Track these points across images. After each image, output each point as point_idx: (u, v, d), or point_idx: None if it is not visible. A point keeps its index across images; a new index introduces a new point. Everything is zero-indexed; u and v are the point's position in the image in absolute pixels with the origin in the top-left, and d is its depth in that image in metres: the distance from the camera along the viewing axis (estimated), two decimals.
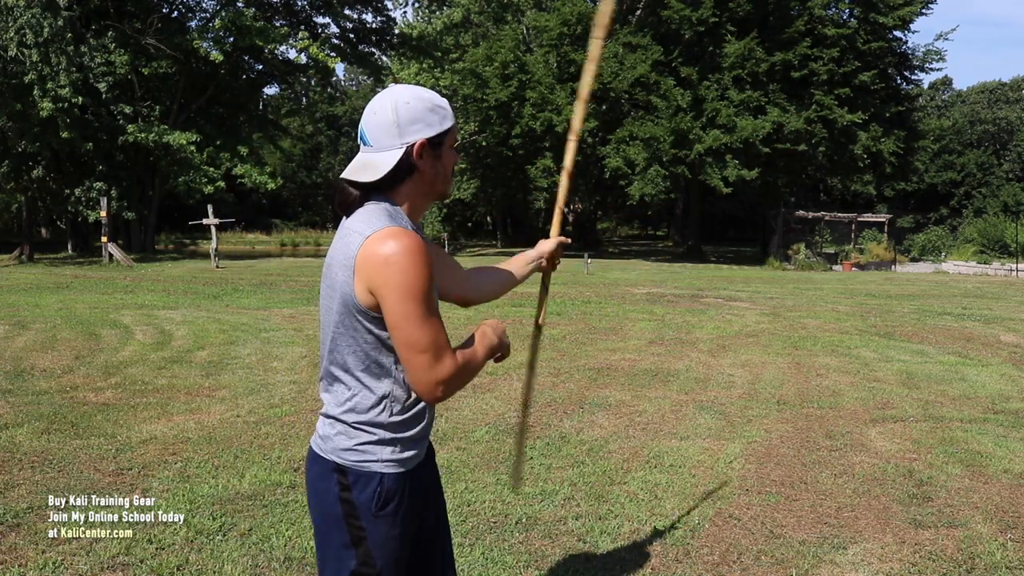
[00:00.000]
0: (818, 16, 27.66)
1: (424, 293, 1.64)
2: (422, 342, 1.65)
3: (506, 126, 31.42)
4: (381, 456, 1.77)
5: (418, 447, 1.82)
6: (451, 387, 1.70)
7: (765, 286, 17.75)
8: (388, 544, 1.77)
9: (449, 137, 1.78)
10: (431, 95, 1.77)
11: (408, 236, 1.64)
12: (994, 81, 52.57)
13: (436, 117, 1.75)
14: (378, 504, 1.76)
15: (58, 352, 7.73)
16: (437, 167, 1.77)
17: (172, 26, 25.29)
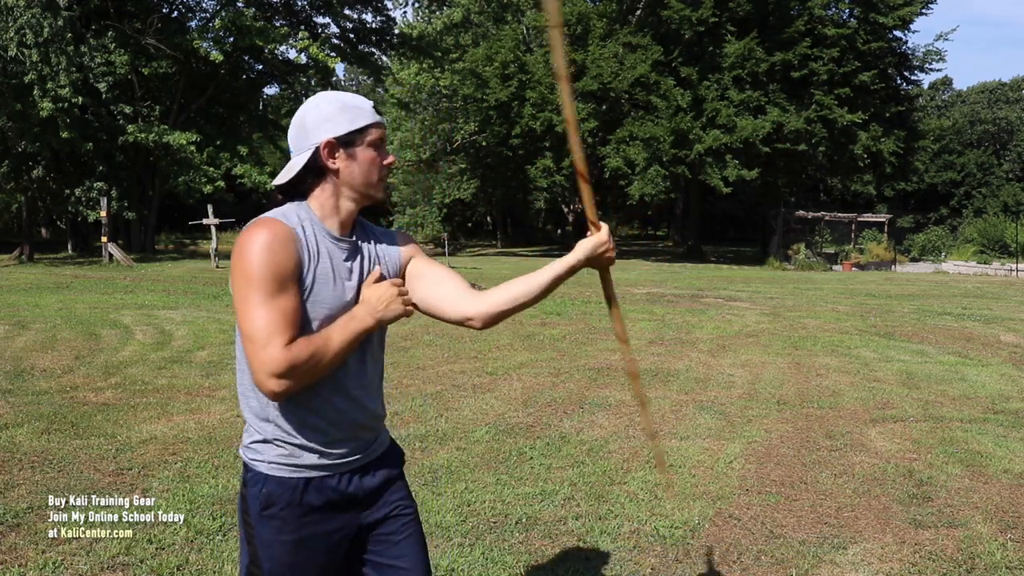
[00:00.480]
0: (818, 16, 27.65)
1: (260, 278, 1.60)
2: (249, 327, 1.60)
3: (506, 126, 31.41)
4: (267, 456, 1.74)
5: (318, 457, 1.74)
6: (287, 378, 1.60)
7: (765, 286, 17.75)
8: (274, 548, 1.73)
9: (364, 136, 1.74)
10: (346, 97, 1.77)
11: (266, 224, 1.64)
12: (994, 81, 52.55)
13: (345, 116, 1.73)
14: (261, 505, 1.74)
15: (58, 352, 7.73)
16: (352, 166, 1.74)
17: (172, 26, 25.27)
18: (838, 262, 27.83)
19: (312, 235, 1.72)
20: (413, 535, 1.89)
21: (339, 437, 1.75)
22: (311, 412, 1.72)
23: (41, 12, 20.06)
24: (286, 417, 1.72)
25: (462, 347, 8.42)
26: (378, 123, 1.76)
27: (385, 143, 1.79)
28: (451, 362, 7.61)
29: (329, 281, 1.72)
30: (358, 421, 1.78)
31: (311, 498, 1.74)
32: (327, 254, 1.73)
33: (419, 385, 6.58)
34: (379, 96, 44.65)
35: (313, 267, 1.70)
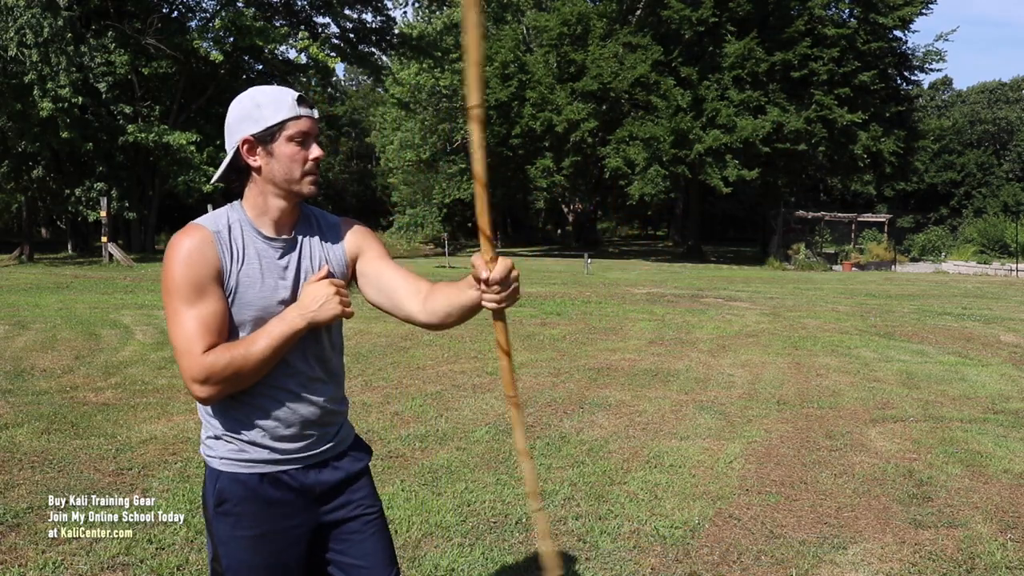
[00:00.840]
0: (818, 16, 27.66)
1: (177, 288, 1.62)
2: (172, 338, 1.64)
3: (506, 126, 31.42)
4: (219, 452, 1.75)
5: (270, 452, 1.73)
6: (210, 387, 1.61)
7: (765, 286, 17.75)
8: (231, 544, 1.73)
9: (282, 131, 1.69)
10: (266, 91, 1.72)
11: (186, 232, 1.66)
12: (994, 81, 52.55)
13: (262, 112, 1.69)
14: (215, 501, 1.74)
15: (58, 352, 7.73)
16: (271, 163, 1.70)
17: (172, 26, 25.27)
18: (838, 262, 27.83)
19: (239, 236, 1.70)
20: (377, 534, 1.86)
21: (288, 433, 1.74)
22: (255, 408, 1.72)
23: (41, 12, 20.06)
24: (232, 414, 1.73)
25: (462, 347, 8.42)
26: (296, 117, 1.70)
27: (312, 137, 1.73)
28: (451, 362, 7.61)
29: (256, 282, 1.69)
30: (306, 417, 1.75)
31: (266, 493, 1.73)
32: (256, 255, 1.71)
33: (419, 385, 6.58)
34: (379, 96, 44.68)
35: (236, 270, 1.68)
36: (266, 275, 1.71)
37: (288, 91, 1.73)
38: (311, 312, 1.66)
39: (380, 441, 4.95)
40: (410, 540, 3.48)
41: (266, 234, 1.74)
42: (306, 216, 1.83)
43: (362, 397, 6.10)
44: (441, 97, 36.13)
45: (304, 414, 1.75)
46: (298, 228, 1.79)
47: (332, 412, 1.82)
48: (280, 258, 1.74)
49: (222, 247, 1.68)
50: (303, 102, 1.72)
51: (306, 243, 1.79)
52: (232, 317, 1.68)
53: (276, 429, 1.73)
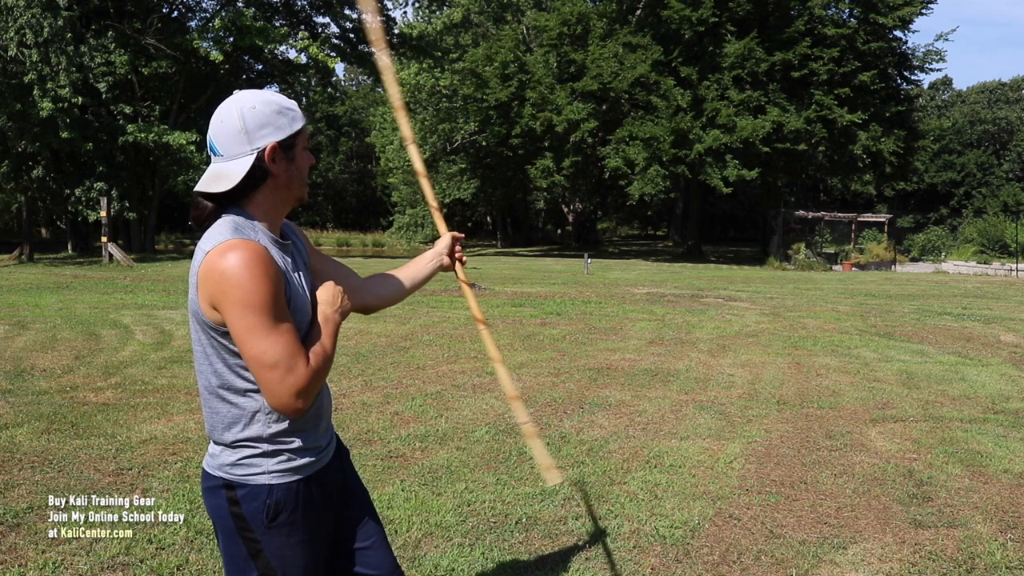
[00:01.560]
0: (818, 16, 27.67)
1: (264, 305, 1.58)
2: (268, 356, 1.59)
3: (506, 126, 31.42)
4: (267, 468, 1.72)
5: (312, 455, 1.77)
6: (310, 394, 1.65)
7: (765, 286, 17.75)
8: (287, 553, 1.73)
9: (300, 138, 1.73)
10: (277, 98, 1.72)
11: (247, 247, 1.59)
12: (994, 81, 52.59)
13: (285, 119, 1.69)
14: (269, 516, 1.72)
15: (58, 352, 7.73)
16: (291, 170, 1.72)
17: (172, 26, 25.28)
18: (838, 262, 27.83)
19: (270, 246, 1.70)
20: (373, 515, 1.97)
21: (324, 426, 1.83)
22: (317, 413, 1.81)
23: (41, 12, 20.05)
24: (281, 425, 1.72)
25: (462, 347, 8.42)
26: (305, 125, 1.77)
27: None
28: (451, 362, 7.61)
29: (297, 288, 1.73)
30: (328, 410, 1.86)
31: (312, 494, 1.77)
32: (282, 263, 1.71)
33: (419, 385, 6.59)
34: (379, 96, 44.67)
35: (286, 282, 1.70)
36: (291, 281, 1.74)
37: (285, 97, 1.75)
38: (339, 307, 1.77)
39: (380, 441, 4.95)
40: (410, 540, 3.48)
41: (278, 240, 1.76)
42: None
43: (362, 397, 6.10)
44: (441, 97, 36.13)
45: (328, 403, 1.88)
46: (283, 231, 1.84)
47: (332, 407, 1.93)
48: (292, 262, 1.78)
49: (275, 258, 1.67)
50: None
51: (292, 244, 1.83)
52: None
53: (317, 434, 1.80)
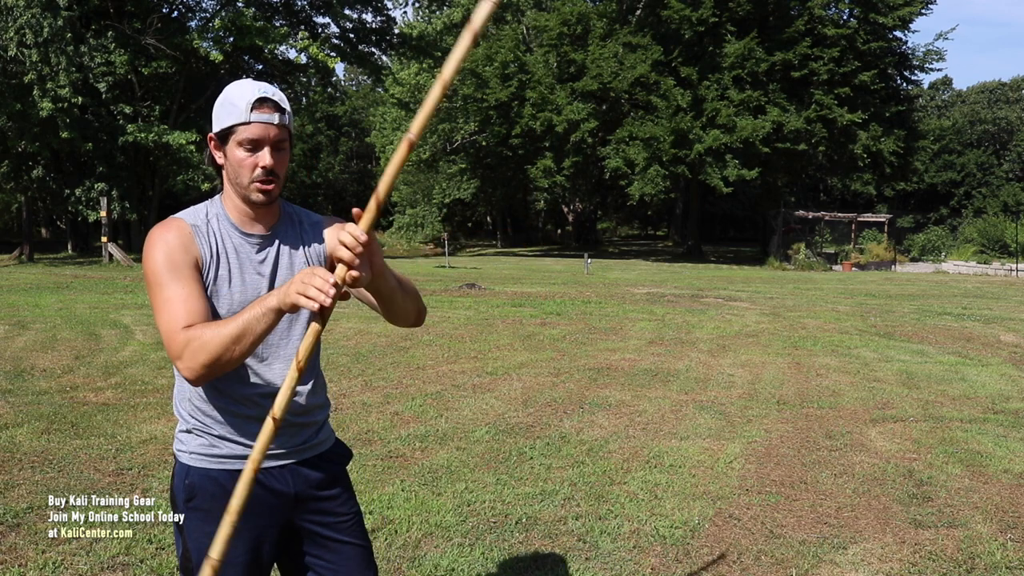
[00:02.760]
0: (818, 16, 27.66)
1: (159, 274, 1.64)
2: (160, 324, 1.66)
3: (506, 126, 31.42)
4: (189, 446, 1.76)
5: (240, 447, 1.72)
6: (191, 364, 1.60)
7: (765, 286, 17.75)
8: (203, 540, 1.67)
9: (232, 135, 1.67)
10: (235, 90, 1.69)
11: (163, 226, 1.69)
12: (994, 81, 52.56)
13: (223, 112, 1.68)
14: (184, 496, 1.76)
15: (58, 352, 7.73)
16: (228, 165, 1.70)
17: (172, 26, 25.28)
18: (838, 262, 27.82)
19: (217, 230, 1.72)
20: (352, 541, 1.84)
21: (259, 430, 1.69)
22: (232, 401, 1.72)
23: (41, 12, 20.05)
24: (206, 406, 1.74)
25: (462, 347, 8.42)
26: (246, 123, 1.65)
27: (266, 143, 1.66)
28: (451, 362, 7.61)
29: (233, 277, 1.71)
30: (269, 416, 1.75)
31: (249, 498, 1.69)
32: (233, 249, 1.72)
33: (419, 385, 6.58)
34: (379, 96, 44.67)
35: (215, 263, 1.69)
36: (244, 270, 1.72)
37: (252, 92, 1.66)
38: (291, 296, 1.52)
39: (380, 441, 4.95)
40: (410, 540, 3.48)
41: (242, 229, 1.74)
42: (287, 214, 1.81)
43: (362, 397, 6.10)
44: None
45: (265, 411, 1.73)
46: (277, 226, 1.78)
47: (306, 412, 1.79)
48: (257, 253, 1.74)
49: (200, 239, 1.69)
50: (263, 106, 1.66)
51: (286, 241, 1.78)
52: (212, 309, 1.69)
53: (248, 425, 1.71)
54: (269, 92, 1.67)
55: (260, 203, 1.71)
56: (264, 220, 1.76)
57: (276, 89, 1.72)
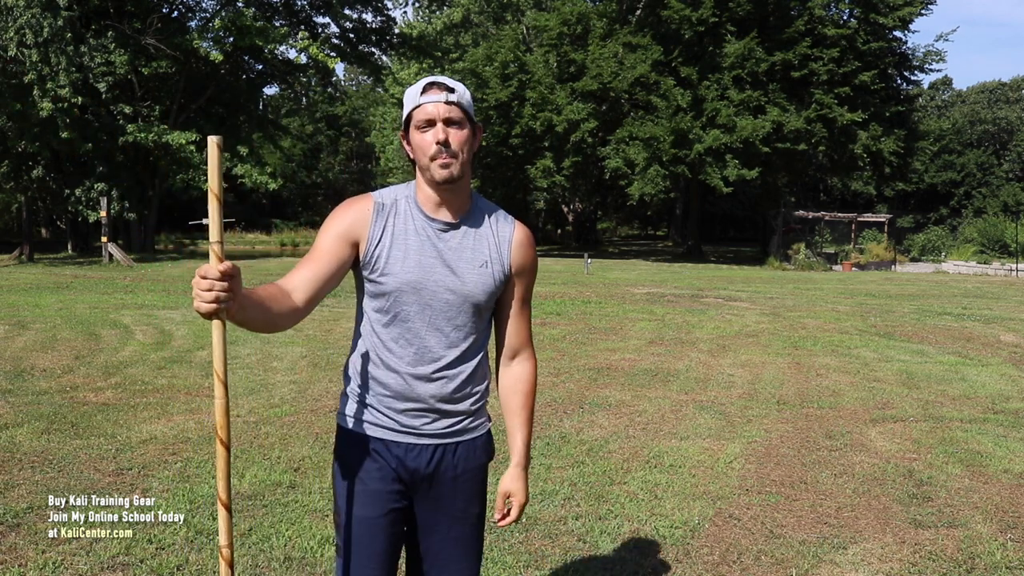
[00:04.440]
0: (818, 16, 27.66)
1: (319, 233, 1.80)
2: None
3: (506, 126, 31.40)
4: (342, 407, 1.90)
5: (378, 414, 1.83)
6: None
7: (765, 286, 17.75)
8: (337, 490, 1.87)
9: (411, 120, 1.79)
10: (412, 85, 1.82)
11: (352, 199, 1.83)
12: (994, 81, 52.56)
13: (405, 105, 1.81)
14: (336, 452, 1.90)
15: (58, 352, 7.73)
16: (413, 150, 1.81)
17: (172, 26, 25.27)
18: (838, 262, 27.82)
19: (403, 211, 1.81)
20: (463, 539, 1.90)
21: (402, 407, 1.82)
22: (374, 370, 1.83)
23: (41, 12, 20.04)
24: (353, 374, 1.88)
25: None
26: (418, 106, 1.77)
27: (439, 120, 1.76)
28: None
29: (409, 256, 1.78)
30: (408, 395, 1.81)
31: (374, 461, 1.83)
32: (415, 231, 1.79)
33: None
34: (379, 96, 44.68)
35: (388, 242, 1.78)
36: (422, 252, 1.79)
37: (423, 80, 1.80)
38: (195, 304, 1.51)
39: None
40: None
41: (428, 213, 1.81)
42: (479, 208, 1.88)
43: None
44: None
45: (420, 391, 1.81)
46: (467, 216, 1.85)
47: (453, 399, 1.84)
48: (440, 238, 1.81)
49: (377, 217, 1.79)
50: (432, 88, 1.77)
51: (472, 231, 1.84)
52: (373, 284, 1.79)
53: (393, 400, 1.82)
54: (439, 78, 1.79)
55: (442, 181, 1.76)
56: (452, 207, 1.82)
57: (448, 78, 1.81)
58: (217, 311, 1.48)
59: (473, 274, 1.81)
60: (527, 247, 1.90)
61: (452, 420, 1.86)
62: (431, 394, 1.81)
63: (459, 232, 1.82)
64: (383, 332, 1.81)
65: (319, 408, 5.72)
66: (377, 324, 1.82)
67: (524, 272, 1.90)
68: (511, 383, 1.94)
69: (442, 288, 1.79)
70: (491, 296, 1.84)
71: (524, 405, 1.93)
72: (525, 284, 1.91)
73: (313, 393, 6.20)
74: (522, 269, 1.89)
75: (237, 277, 1.50)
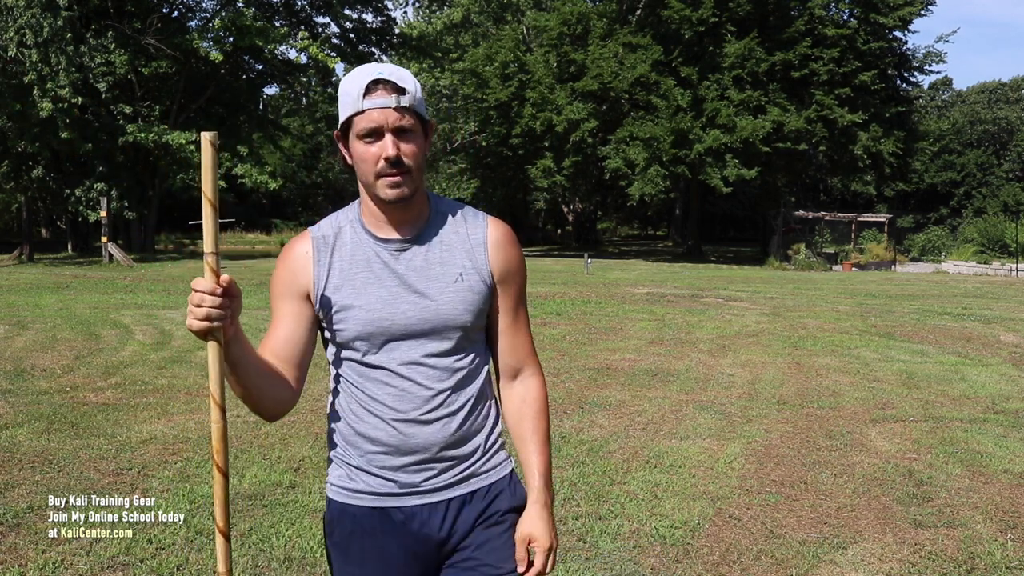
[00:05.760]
0: (818, 16, 27.66)
1: (271, 297, 1.58)
2: None
3: (506, 126, 31.41)
4: (331, 477, 1.59)
5: (379, 481, 1.53)
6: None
7: (765, 286, 17.75)
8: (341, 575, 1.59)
9: (352, 127, 1.48)
10: (349, 77, 1.50)
11: (289, 244, 1.58)
12: (994, 81, 52.53)
13: (341, 104, 1.50)
14: (326, 528, 1.61)
15: (58, 352, 7.73)
16: (354, 161, 1.50)
17: (172, 26, 25.28)
18: (838, 262, 27.82)
19: (350, 239, 1.54)
20: None
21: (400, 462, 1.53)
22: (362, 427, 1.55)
23: (41, 12, 20.05)
24: (339, 435, 1.58)
25: None
26: (359, 112, 1.45)
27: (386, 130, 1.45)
28: None
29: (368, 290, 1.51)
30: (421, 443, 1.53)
31: (375, 527, 1.55)
32: (365, 261, 1.52)
33: None
34: None
35: (336, 283, 1.52)
36: (380, 282, 1.51)
37: (364, 76, 1.46)
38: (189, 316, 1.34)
39: None
40: None
41: (378, 235, 1.53)
42: (440, 212, 1.57)
43: None
44: (441, 97, 36.12)
45: (418, 439, 1.52)
46: (427, 225, 1.55)
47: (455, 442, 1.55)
48: (398, 260, 1.52)
49: (318, 256, 1.53)
50: (377, 87, 1.45)
51: (436, 242, 1.55)
52: (334, 333, 1.54)
53: (385, 457, 1.52)
54: (385, 73, 1.45)
55: (392, 201, 1.47)
56: (405, 222, 1.53)
57: (396, 68, 1.48)
58: (209, 330, 1.32)
59: (447, 293, 1.52)
60: (507, 245, 1.58)
61: (462, 466, 1.56)
62: (429, 440, 1.52)
63: (421, 248, 1.53)
64: (359, 381, 1.54)
65: (319, 408, 5.72)
66: (350, 372, 1.55)
67: (509, 275, 1.58)
68: (516, 407, 1.65)
69: (414, 320, 1.50)
70: (476, 314, 1.54)
71: (535, 429, 1.64)
72: (514, 289, 1.59)
73: (313, 393, 6.20)
74: (506, 273, 1.57)
75: (235, 295, 1.34)
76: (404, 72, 1.47)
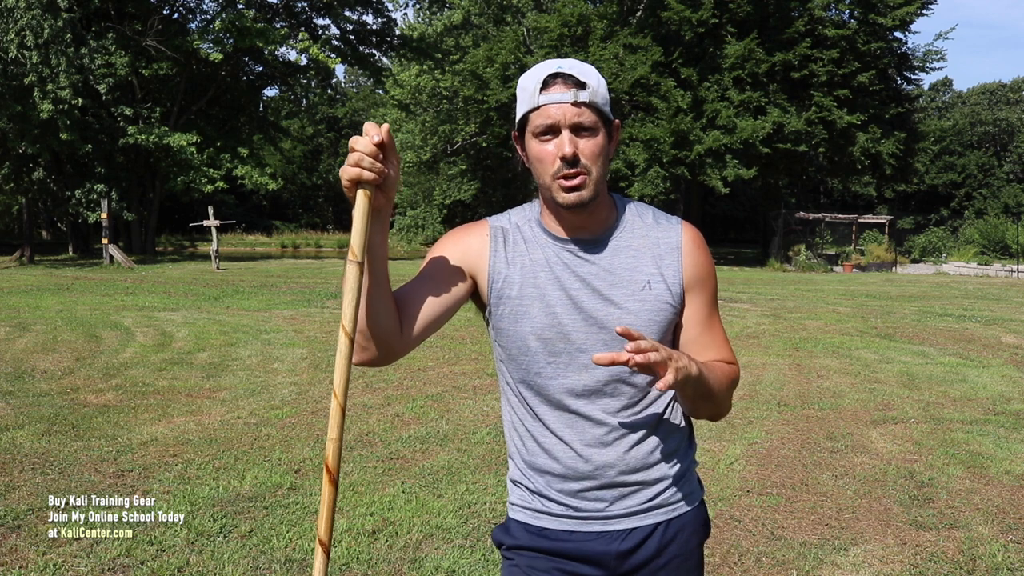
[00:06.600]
0: (818, 17, 27.68)
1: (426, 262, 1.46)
2: None
3: (507, 127, 31.44)
4: (510, 496, 1.51)
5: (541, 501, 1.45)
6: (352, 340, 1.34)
7: (766, 287, 17.75)
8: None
9: (526, 125, 1.41)
10: (528, 73, 1.42)
11: (463, 227, 1.49)
12: (994, 82, 52.55)
13: (518, 101, 1.43)
14: (497, 542, 1.54)
15: (59, 354, 7.73)
16: (527, 158, 1.43)
17: (172, 28, 25.32)
18: (839, 263, 27.82)
19: (525, 239, 1.44)
20: None
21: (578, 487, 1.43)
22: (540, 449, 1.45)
23: (41, 14, 20.08)
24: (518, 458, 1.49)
25: (463, 349, 8.42)
26: (535, 108, 1.38)
27: (563, 127, 1.37)
28: (452, 364, 7.61)
29: (545, 293, 1.41)
30: (581, 471, 1.43)
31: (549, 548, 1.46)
32: (545, 261, 1.42)
33: (420, 387, 6.58)
34: (379, 97, 44.68)
35: (517, 275, 1.42)
36: (562, 285, 1.41)
37: (544, 69, 1.39)
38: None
39: (381, 443, 4.95)
40: (411, 542, 3.48)
41: (556, 234, 1.43)
42: (628, 214, 1.48)
43: (363, 399, 6.10)
44: (442, 99, 36.13)
45: (596, 461, 1.42)
46: (613, 228, 1.45)
47: (640, 467, 1.44)
48: (582, 263, 1.42)
49: (496, 246, 1.43)
50: (555, 81, 1.36)
51: (624, 247, 1.44)
52: (506, 336, 1.43)
53: (559, 480, 1.43)
54: (565, 67, 1.36)
55: (569, 205, 1.37)
56: (587, 224, 1.43)
57: (578, 63, 1.39)
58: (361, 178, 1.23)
59: (634, 302, 1.40)
60: (700, 251, 1.47)
61: (648, 493, 1.45)
62: (610, 463, 1.41)
63: (607, 250, 1.42)
64: (531, 395, 1.43)
65: (320, 410, 5.72)
66: (522, 386, 1.44)
67: (701, 282, 1.46)
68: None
69: (596, 327, 1.39)
70: (664, 326, 1.42)
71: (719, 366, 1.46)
72: (706, 296, 1.47)
73: (314, 395, 6.20)
74: (697, 279, 1.45)
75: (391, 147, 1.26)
76: (587, 67, 1.38)
